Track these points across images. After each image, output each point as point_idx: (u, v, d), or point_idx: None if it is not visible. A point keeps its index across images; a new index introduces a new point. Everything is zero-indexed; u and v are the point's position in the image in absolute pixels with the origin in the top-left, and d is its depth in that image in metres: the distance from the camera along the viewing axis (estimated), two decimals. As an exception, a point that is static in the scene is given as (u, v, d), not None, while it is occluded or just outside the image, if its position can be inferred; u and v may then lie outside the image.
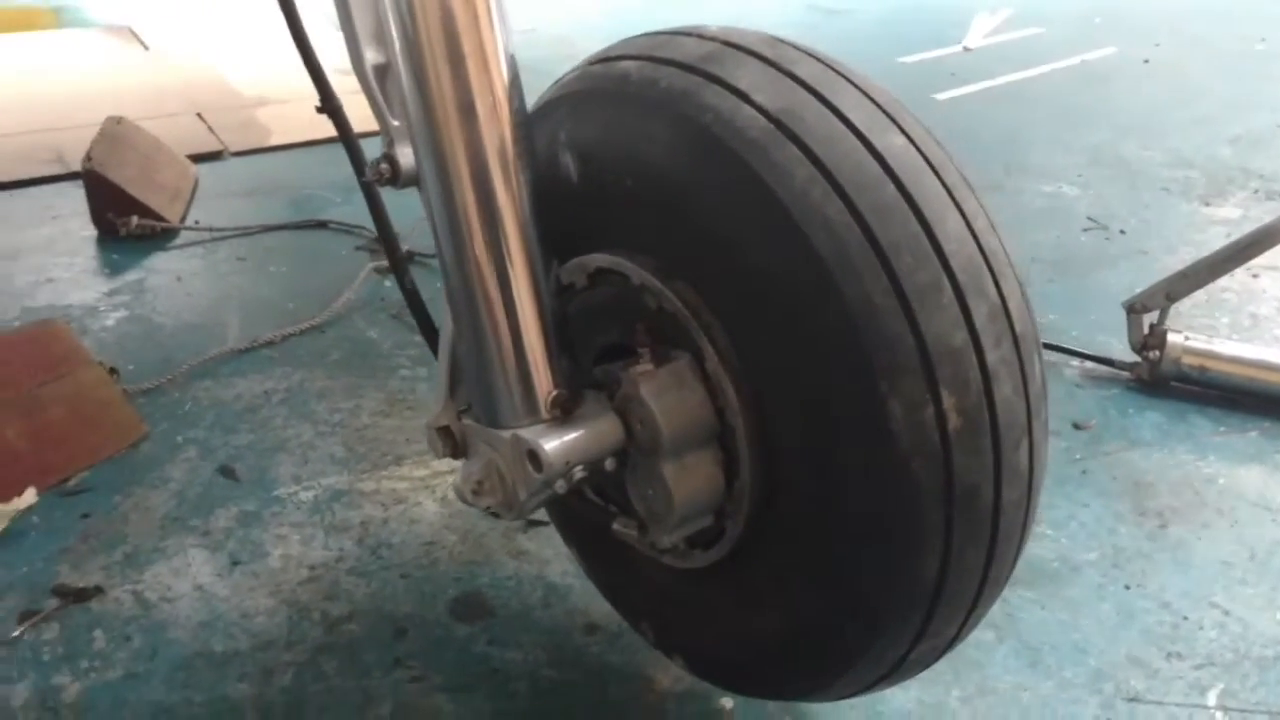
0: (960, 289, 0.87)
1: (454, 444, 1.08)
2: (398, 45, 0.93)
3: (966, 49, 3.74)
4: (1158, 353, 1.90)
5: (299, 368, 1.87)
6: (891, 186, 0.88)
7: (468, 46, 0.92)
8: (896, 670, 1.01)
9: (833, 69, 0.95)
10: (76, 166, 2.22)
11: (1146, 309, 1.92)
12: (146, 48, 3.16)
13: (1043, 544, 1.57)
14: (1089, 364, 2.00)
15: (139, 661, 1.30)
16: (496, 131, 0.94)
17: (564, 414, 0.99)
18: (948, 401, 0.86)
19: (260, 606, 1.39)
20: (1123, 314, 1.93)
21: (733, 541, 1.04)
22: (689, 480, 0.99)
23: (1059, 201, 2.67)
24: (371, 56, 1.02)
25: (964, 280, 0.87)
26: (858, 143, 0.89)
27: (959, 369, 0.86)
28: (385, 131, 1.02)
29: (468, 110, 0.93)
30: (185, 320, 1.98)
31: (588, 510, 1.17)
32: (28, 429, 1.56)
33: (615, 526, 1.10)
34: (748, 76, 0.93)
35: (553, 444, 0.97)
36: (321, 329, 1.97)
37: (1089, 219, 2.56)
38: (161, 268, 2.13)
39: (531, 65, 3.14)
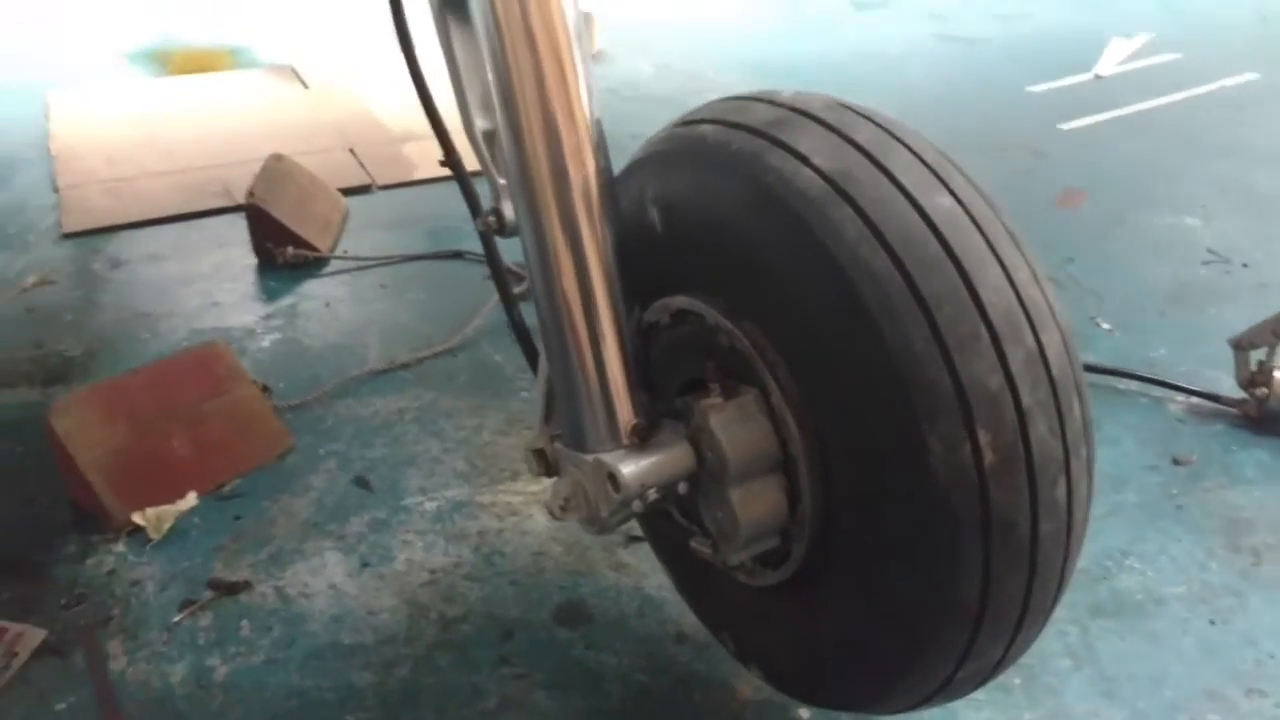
0: (998, 337, 0.95)
1: (547, 464, 1.21)
2: (500, 114, 1.07)
3: (1098, 77, 3.71)
4: (1265, 390, 1.90)
5: (430, 388, 2.03)
6: (935, 243, 0.96)
7: (560, 117, 1.05)
8: (948, 686, 1.09)
9: (889, 133, 1.05)
10: (242, 200, 2.45)
11: (1254, 345, 1.92)
12: (306, 86, 3.43)
13: (1129, 576, 1.60)
14: (1195, 400, 2.00)
15: (278, 649, 1.47)
16: (584, 189, 1.07)
17: (641, 441, 1.11)
18: (984, 440, 0.94)
19: (385, 605, 1.54)
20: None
21: (798, 562, 1.14)
22: (754, 505, 1.09)
23: (1180, 233, 2.65)
24: (481, 123, 1.16)
25: (1002, 329, 0.95)
26: (906, 203, 0.98)
27: (995, 410, 0.94)
28: (493, 187, 1.16)
29: (559, 172, 1.06)
30: (331, 342, 2.17)
31: (672, 528, 1.28)
32: (192, 439, 1.76)
33: (693, 544, 1.20)
34: (809, 141, 1.03)
35: (630, 468, 1.09)
36: (453, 352, 2.13)
37: (1209, 251, 2.54)
38: (312, 294, 2.34)
39: (664, 98, 3.29)
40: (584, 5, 3.27)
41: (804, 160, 1.01)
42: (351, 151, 3.00)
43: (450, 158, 1.26)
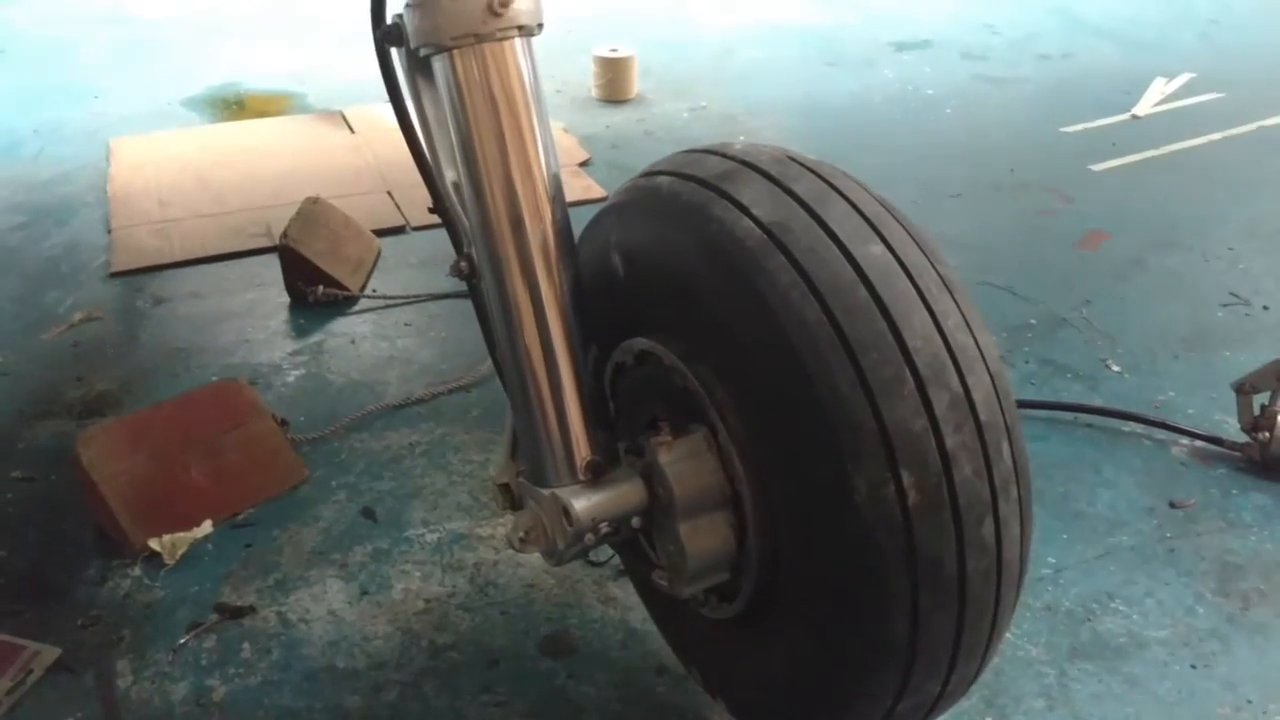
0: (922, 381, 0.99)
1: (512, 498, 1.27)
2: (461, 169, 1.14)
3: (1135, 117, 3.69)
4: (1268, 434, 1.89)
5: (442, 423, 2.10)
6: (864, 290, 1.01)
7: (518, 172, 1.12)
8: (889, 720, 1.12)
9: (829, 184, 1.09)
10: (279, 240, 2.56)
11: (1256, 389, 1.91)
12: (352, 131, 3.56)
13: (1113, 619, 1.61)
14: (1199, 443, 1.99)
15: (275, 671, 1.54)
16: (541, 239, 1.14)
17: (595, 477, 1.16)
18: (907, 480, 0.98)
19: (379, 632, 1.60)
20: (1242, 393, 1.93)
21: (748, 596, 1.17)
22: (701, 539, 1.14)
23: (1202, 275, 2.63)
24: (450, 174, 1.23)
25: (926, 373, 0.99)
26: (838, 251, 1.03)
27: (918, 452, 0.98)
28: (464, 235, 1.23)
29: (517, 222, 1.13)
30: (352, 378, 2.26)
31: (639, 561, 1.33)
32: (210, 470, 1.85)
33: (654, 576, 1.25)
34: (751, 192, 1.08)
35: (582, 503, 1.14)
36: (467, 389, 2.21)
37: (1231, 294, 2.52)
38: (339, 331, 2.44)
39: (697, 140, 3.34)
40: (624, 50, 3.33)
41: (745, 211, 1.07)
42: (389, 194, 3.11)
43: (438, 205, 1.33)
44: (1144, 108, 3.75)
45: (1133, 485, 1.90)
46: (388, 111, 1.28)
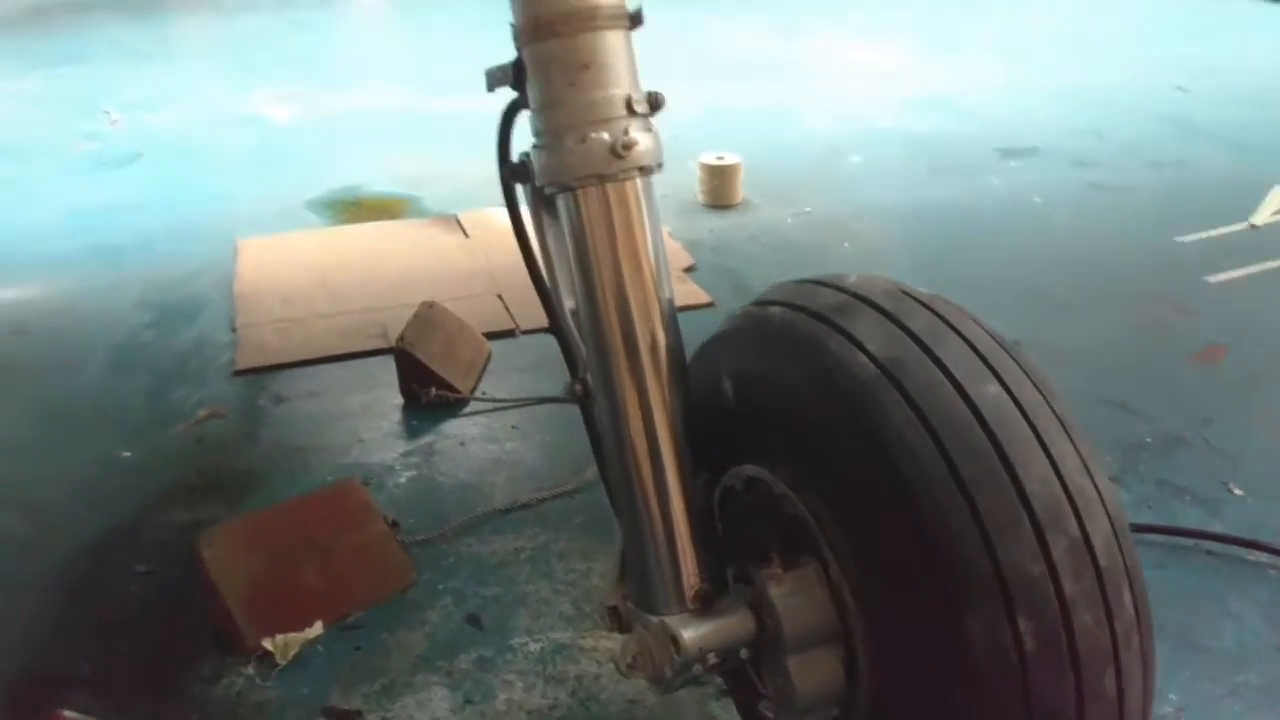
0: (1040, 525, 0.98)
1: (619, 621, 1.27)
2: (580, 296, 1.18)
3: (1253, 226, 3.61)
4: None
5: (547, 529, 2.13)
6: (979, 430, 1.00)
7: (633, 303, 1.16)
8: None
9: (944, 320, 1.10)
10: (395, 342, 2.64)
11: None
12: (466, 235, 3.68)
13: (1241, 765, 1.53)
14: (1329, 575, 1.91)
15: (379, 779, 1.56)
16: (654, 365, 1.17)
17: (704, 606, 1.17)
18: (1024, 627, 0.96)
19: (482, 743, 1.61)
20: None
21: (857, 732, 1.16)
22: (811, 675, 1.13)
23: (1332, 394, 2.54)
24: (569, 301, 1.28)
25: (1044, 517, 0.98)
26: (953, 391, 1.03)
27: (1036, 598, 0.96)
28: (580, 359, 1.27)
29: (631, 349, 1.16)
30: (461, 480, 2.30)
31: (745, 688, 1.32)
32: (323, 572, 1.90)
33: (760, 707, 1.24)
34: (865, 327, 1.09)
35: (691, 632, 1.14)
36: (571, 494, 2.23)
37: (1362, 416, 2.43)
38: (449, 433, 2.49)
39: (801, 246, 3.37)
40: (730, 157, 3.39)
41: (859, 346, 1.08)
42: (500, 297, 3.20)
43: (555, 327, 1.37)
44: (1262, 216, 3.67)
45: (1259, 619, 1.82)
46: (501, 216, 1.34)
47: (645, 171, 1.16)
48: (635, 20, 1.16)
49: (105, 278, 3.42)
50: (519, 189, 1.26)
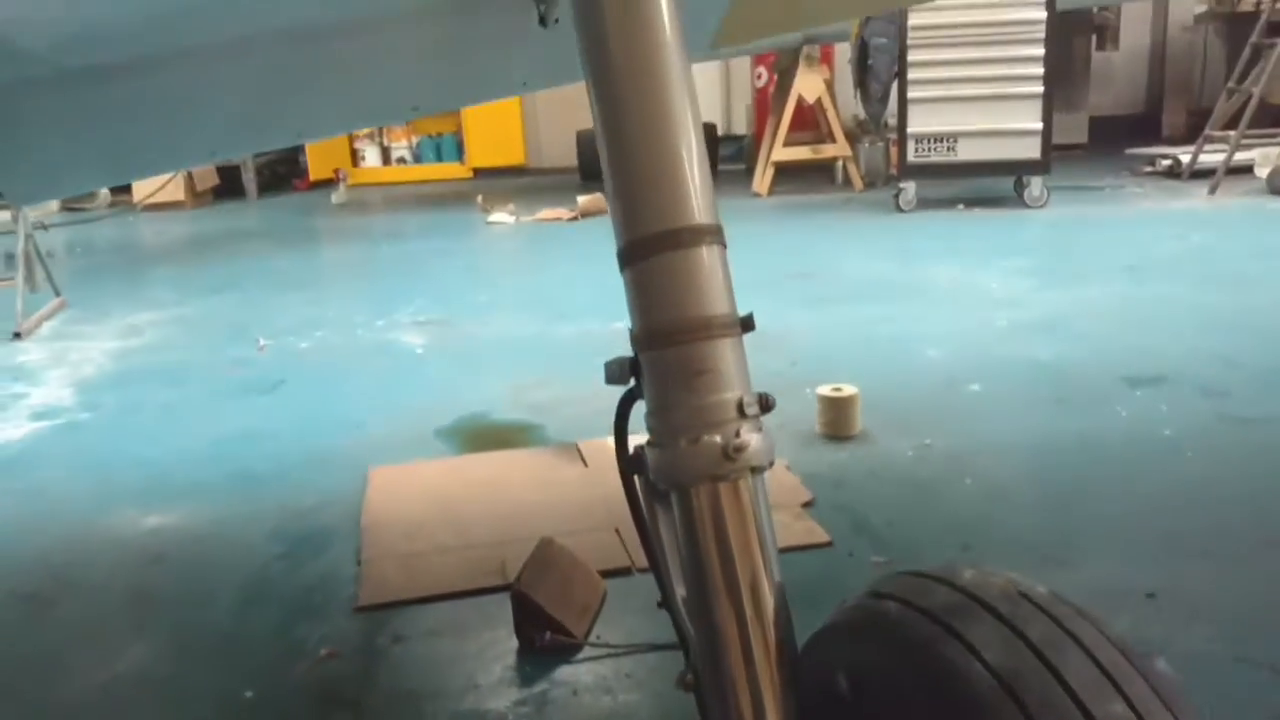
0: None
1: None
2: (690, 587, 1.20)
3: (1406, 465, 3.43)
4: None
5: (659, 792, 2.07)
6: (1105, 756, 0.96)
7: (746, 599, 1.17)
8: None
9: (1064, 629, 1.07)
10: (512, 580, 2.68)
11: None
12: (586, 465, 3.76)
13: None
14: None
15: None
16: (764, 657, 1.17)
17: None
18: None
19: None
20: None
21: None
22: None
23: None
24: (680, 590, 1.29)
25: None
26: (1074, 708, 0.99)
27: None
28: (691, 648, 1.27)
29: (743, 642, 1.17)
30: (573, 734, 2.28)
31: None
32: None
33: None
34: (981, 633, 1.08)
35: None
36: (684, 753, 2.17)
37: None
38: (562, 680, 2.48)
39: (920, 483, 3.33)
40: (847, 388, 3.41)
41: (975, 653, 1.06)
42: (617, 531, 3.22)
43: (669, 602, 1.38)
44: None
45: None
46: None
47: (756, 471, 1.19)
48: (746, 325, 1.22)
49: (242, 506, 3.58)
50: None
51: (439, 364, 5.33)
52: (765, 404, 1.21)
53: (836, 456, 3.80)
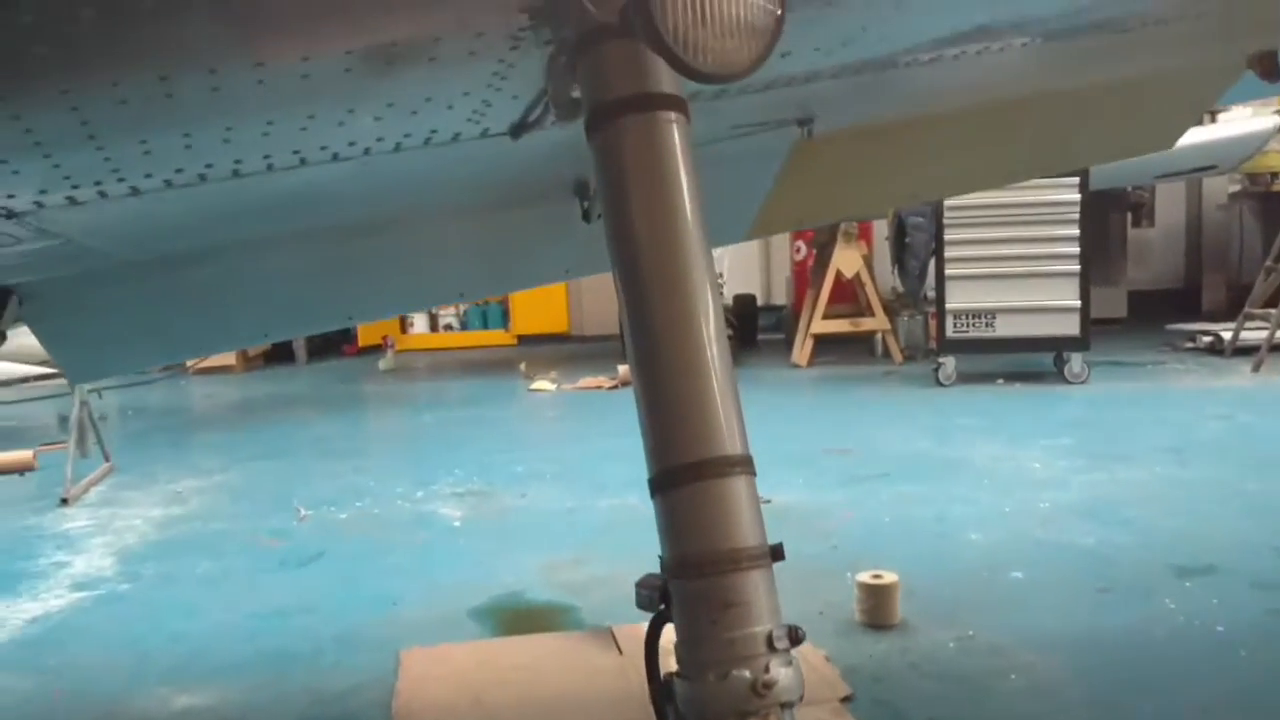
0: None
1: None
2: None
3: None
4: None
5: None
6: None
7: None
8: None
9: None
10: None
11: None
12: (620, 652, 3.70)
13: None
14: None
15: None
16: None
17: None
18: None
19: None
20: None
21: None
22: None
23: None
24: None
25: None
26: None
27: None
28: None
29: None
30: None
31: None
32: None
33: None
34: None
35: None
36: None
37: None
38: None
39: (963, 676, 3.24)
40: (887, 575, 3.37)
41: None
42: (650, 725, 3.15)
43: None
44: None
45: None
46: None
47: (786, 706, 1.18)
48: (776, 554, 1.23)
49: (273, 689, 3.55)
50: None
51: (475, 538, 5.33)
52: (795, 636, 1.21)
53: (876, 647, 3.71)
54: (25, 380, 8.52)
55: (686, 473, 1.23)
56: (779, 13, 1.20)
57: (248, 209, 2.36)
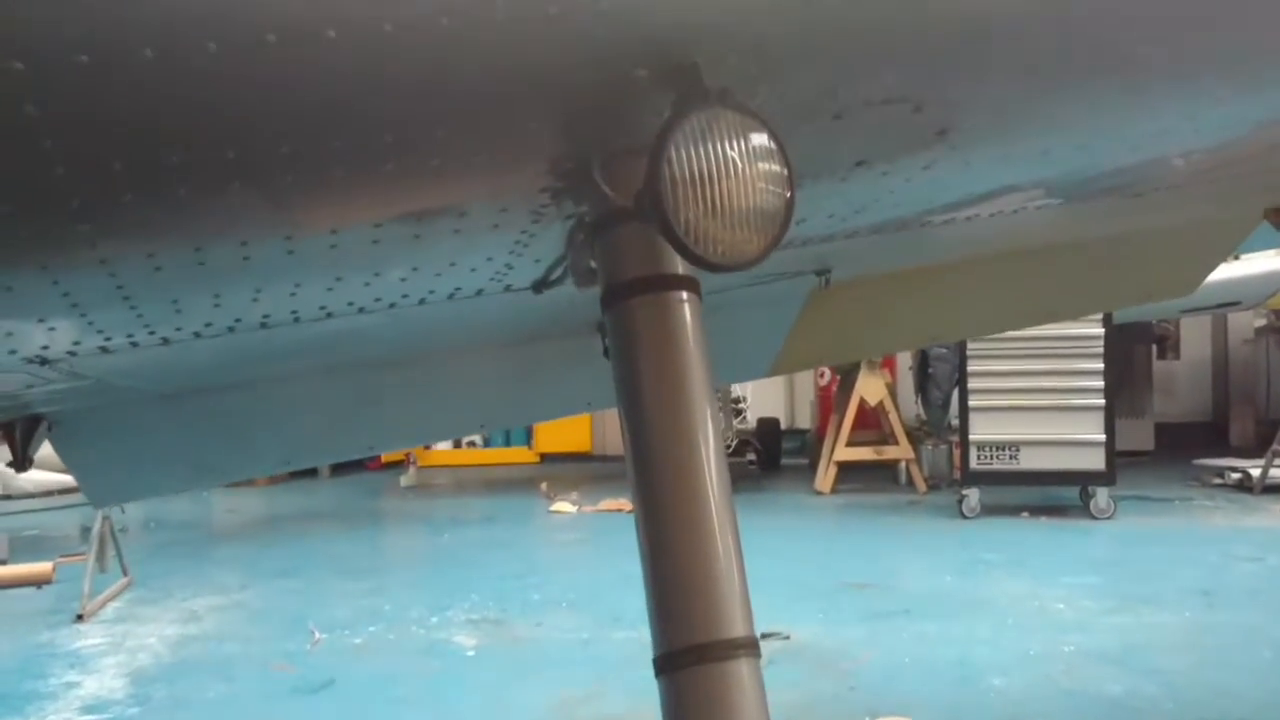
0: None
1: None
2: None
3: None
4: None
5: None
6: None
7: None
8: None
9: None
10: None
11: None
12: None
13: None
14: None
15: None
16: None
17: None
18: None
19: None
20: None
21: None
22: None
23: None
24: None
25: None
26: None
27: None
28: None
29: None
30: None
31: None
32: None
33: None
34: None
35: None
36: None
37: None
38: None
39: None
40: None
41: None
42: None
43: None
44: None
45: None
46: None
47: None
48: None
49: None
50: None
51: (488, 669, 5.25)
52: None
53: (894, 800, 3.61)
54: (51, 493, 8.58)
55: (689, 655, 1.23)
56: (788, 195, 1.23)
57: (274, 352, 2.41)
